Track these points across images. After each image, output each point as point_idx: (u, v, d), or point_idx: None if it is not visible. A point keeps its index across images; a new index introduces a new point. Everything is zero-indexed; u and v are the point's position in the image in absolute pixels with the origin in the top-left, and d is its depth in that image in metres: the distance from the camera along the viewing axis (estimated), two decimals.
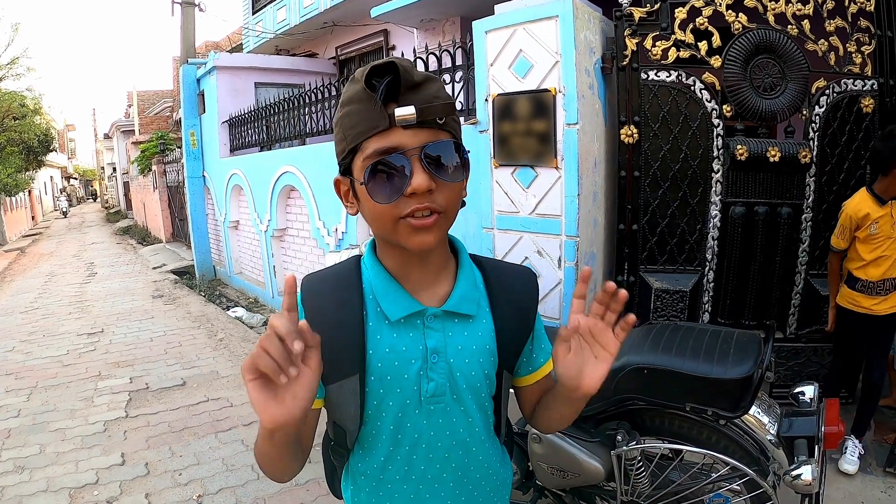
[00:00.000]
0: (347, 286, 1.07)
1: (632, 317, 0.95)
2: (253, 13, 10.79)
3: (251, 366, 0.78)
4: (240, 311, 7.77)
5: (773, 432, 1.99)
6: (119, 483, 3.58)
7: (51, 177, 38.63)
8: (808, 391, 2.08)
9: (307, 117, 6.73)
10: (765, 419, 2.02)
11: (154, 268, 11.94)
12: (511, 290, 1.15)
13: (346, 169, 1.02)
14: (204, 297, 8.94)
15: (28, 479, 3.68)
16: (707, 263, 3.58)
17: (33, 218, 27.36)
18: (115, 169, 32.77)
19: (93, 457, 3.93)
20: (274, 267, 7.71)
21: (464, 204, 1.06)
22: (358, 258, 1.12)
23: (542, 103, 3.41)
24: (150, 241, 16.82)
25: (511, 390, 1.21)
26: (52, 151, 26.59)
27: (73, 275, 12.06)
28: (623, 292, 0.94)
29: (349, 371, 1.04)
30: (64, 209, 34.91)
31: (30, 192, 22.25)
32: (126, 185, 26.81)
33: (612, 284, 0.95)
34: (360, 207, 1.02)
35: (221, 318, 7.55)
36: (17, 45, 35.58)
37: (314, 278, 1.12)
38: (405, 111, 0.91)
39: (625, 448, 2.03)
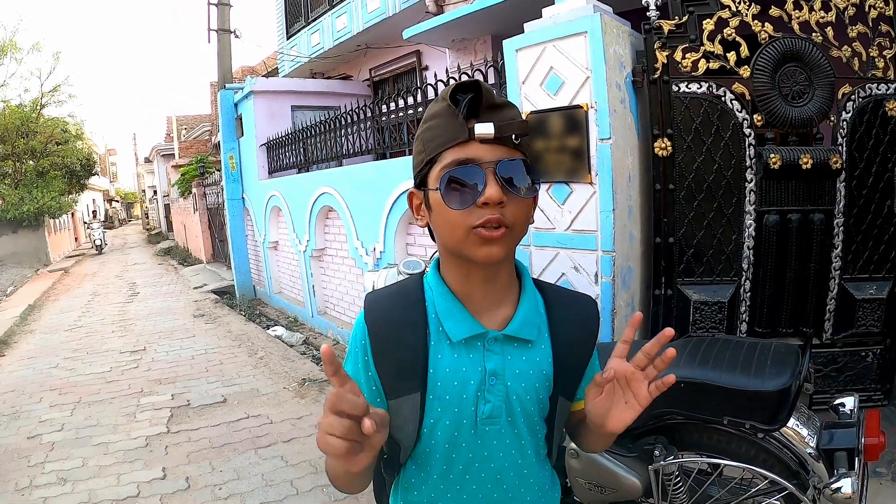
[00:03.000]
0: (411, 304, 1.10)
1: (671, 377, 0.97)
2: (287, 38, 10.99)
3: (338, 451, 0.82)
4: (280, 330, 7.87)
5: (812, 445, 1.96)
6: (160, 497, 3.66)
7: (93, 199, 39.21)
8: (849, 402, 2.04)
9: (343, 139, 6.81)
10: (804, 431, 1.99)
11: (195, 288, 12.15)
12: (571, 317, 1.16)
13: (421, 181, 1.06)
14: (244, 316, 9.07)
15: (70, 491, 3.79)
16: (743, 273, 3.54)
17: (76, 239, 28.06)
18: (155, 192, 33.43)
19: (134, 471, 4.03)
20: (313, 286, 7.79)
21: (531, 221, 1.09)
22: (420, 276, 1.15)
23: (574, 119, 3.41)
24: (191, 262, 17.12)
25: None
26: (94, 175, 27.29)
27: (116, 294, 12.35)
28: (671, 351, 0.96)
29: (411, 388, 1.07)
30: (98, 241, 24.03)
31: (73, 214, 22.90)
32: (167, 208, 27.41)
33: (667, 336, 0.98)
34: (432, 217, 1.05)
35: (261, 336, 7.66)
36: (58, 73, 36.81)
37: (377, 297, 1.15)
38: (485, 126, 0.96)
39: (662, 463, 2.02)
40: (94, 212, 30.58)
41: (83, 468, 4.10)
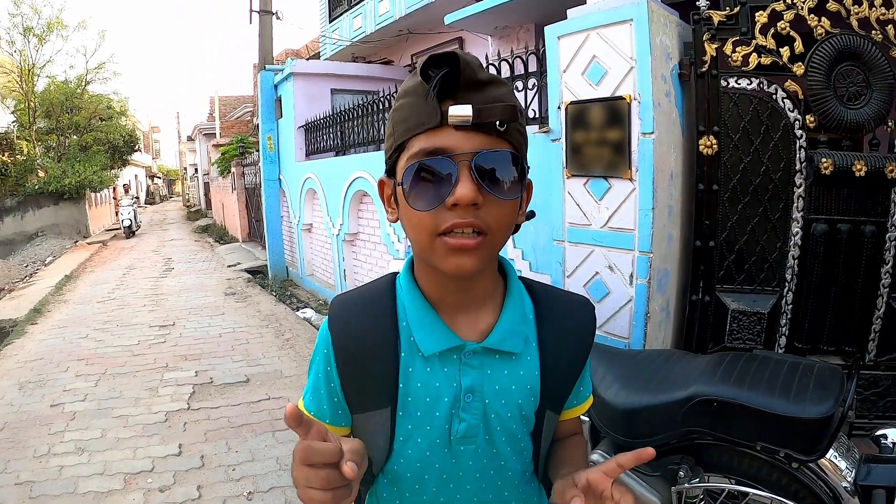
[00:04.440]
0: (380, 311, 0.97)
1: None
2: (330, 21, 10.99)
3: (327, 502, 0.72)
4: (309, 313, 7.87)
5: (849, 479, 1.79)
6: (174, 473, 3.67)
7: (135, 175, 39.84)
8: (891, 434, 1.88)
9: (381, 123, 6.75)
10: (842, 464, 1.82)
11: (229, 266, 12.25)
12: (565, 324, 1.02)
13: (391, 169, 0.91)
14: (275, 296, 9.09)
15: (87, 462, 3.82)
16: (786, 284, 3.35)
17: (116, 213, 28.62)
18: (196, 169, 33.86)
19: (151, 445, 4.05)
20: (344, 270, 7.77)
21: (533, 215, 0.96)
22: (393, 277, 1.02)
23: (616, 111, 3.26)
24: (227, 240, 17.30)
25: None
26: (136, 151, 27.80)
27: (151, 269, 12.51)
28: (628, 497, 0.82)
29: (379, 404, 0.96)
30: (128, 222, 19.77)
31: (114, 188, 23.27)
32: (206, 186, 27.75)
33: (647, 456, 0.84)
34: (401, 213, 0.90)
35: (290, 318, 7.65)
36: (104, 51, 37.96)
37: (344, 299, 1.03)
38: (460, 109, 0.80)
39: (687, 485, 1.89)
40: (125, 185, 23.80)
41: (101, 439, 4.14)
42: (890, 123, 3.23)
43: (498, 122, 0.81)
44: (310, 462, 0.70)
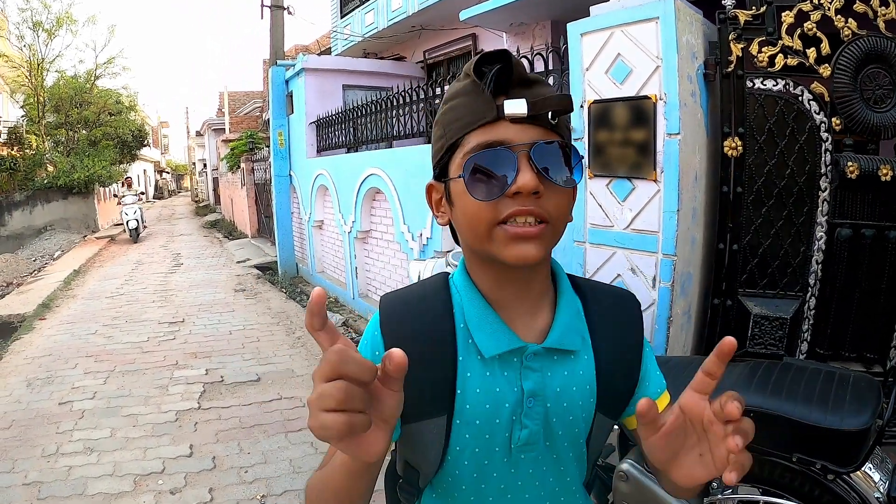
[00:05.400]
0: (436, 311, 0.93)
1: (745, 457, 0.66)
2: (341, 17, 10.95)
3: (342, 431, 0.61)
4: None
5: (882, 490, 1.75)
6: (185, 474, 3.62)
7: (144, 170, 39.79)
8: None
9: (394, 120, 6.71)
10: (875, 476, 1.78)
11: (238, 262, 12.22)
12: (614, 318, 0.99)
13: (441, 171, 0.91)
14: (285, 293, 9.06)
15: (96, 462, 3.78)
16: (809, 289, 3.29)
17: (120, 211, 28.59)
18: (205, 165, 33.84)
19: (161, 445, 4.00)
20: (356, 268, 7.73)
21: (570, 219, 0.94)
22: (446, 277, 0.99)
23: (641, 111, 3.21)
24: (236, 236, 17.27)
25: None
26: (145, 146, 27.80)
27: (160, 264, 12.48)
28: (735, 405, 0.65)
29: (435, 411, 0.90)
30: (133, 222, 16.70)
31: (121, 183, 23.27)
32: (215, 181, 27.76)
33: (727, 350, 0.69)
34: (453, 213, 0.90)
35: (301, 315, 7.60)
36: (113, 46, 37.94)
37: (396, 300, 0.98)
38: (517, 103, 0.82)
39: (719, 497, 1.84)
40: (128, 179, 20.50)
41: (111, 439, 4.10)
42: None
43: (550, 115, 0.84)
44: (339, 372, 0.61)
